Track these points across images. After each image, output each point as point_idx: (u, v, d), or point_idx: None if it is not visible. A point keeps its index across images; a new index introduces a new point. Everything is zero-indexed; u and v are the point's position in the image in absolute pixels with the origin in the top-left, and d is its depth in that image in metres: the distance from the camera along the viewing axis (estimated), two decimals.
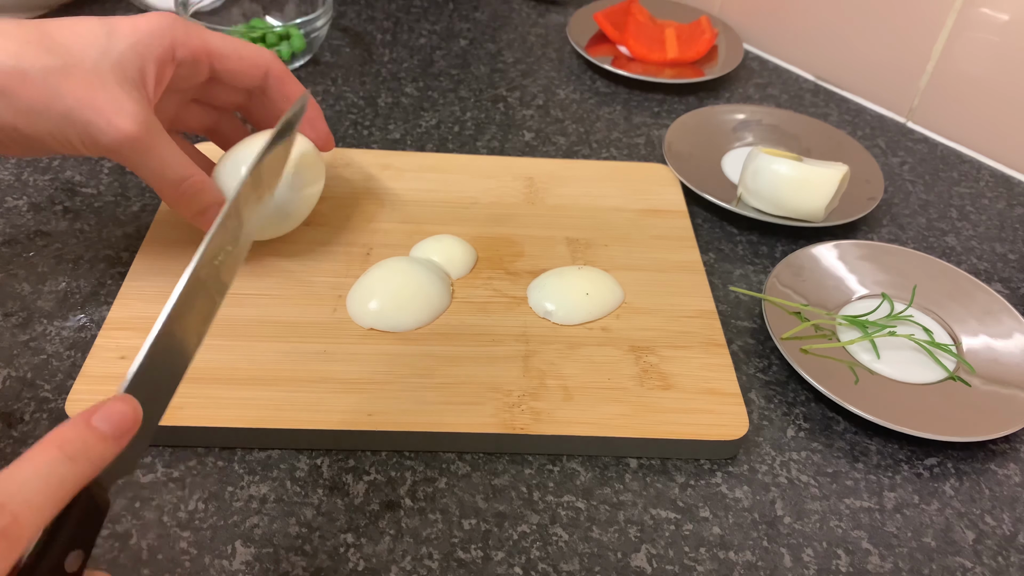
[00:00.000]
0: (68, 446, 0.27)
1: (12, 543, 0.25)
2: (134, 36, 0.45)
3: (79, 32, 0.44)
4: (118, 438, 0.29)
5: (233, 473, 0.44)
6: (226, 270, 0.37)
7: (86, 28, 0.44)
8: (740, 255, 0.60)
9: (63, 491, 0.27)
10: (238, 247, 0.38)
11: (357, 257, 0.54)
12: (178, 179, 0.47)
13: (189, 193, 0.47)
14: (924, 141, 0.74)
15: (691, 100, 0.77)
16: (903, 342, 0.52)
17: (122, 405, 0.29)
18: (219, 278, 0.36)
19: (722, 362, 0.49)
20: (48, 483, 0.26)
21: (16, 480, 0.26)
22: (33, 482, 0.26)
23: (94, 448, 0.28)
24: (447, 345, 0.49)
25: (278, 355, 0.47)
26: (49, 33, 0.43)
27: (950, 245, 0.63)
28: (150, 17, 0.46)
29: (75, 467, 0.27)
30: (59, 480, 0.26)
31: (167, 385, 0.33)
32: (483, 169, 0.63)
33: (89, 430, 0.28)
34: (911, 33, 0.73)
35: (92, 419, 0.28)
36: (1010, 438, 0.49)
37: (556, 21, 0.88)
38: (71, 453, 0.27)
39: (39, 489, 0.26)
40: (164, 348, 0.33)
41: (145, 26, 0.45)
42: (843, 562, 0.42)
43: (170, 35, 0.46)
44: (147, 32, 0.45)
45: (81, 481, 0.27)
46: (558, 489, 0.44)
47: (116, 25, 0.45)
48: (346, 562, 0.40)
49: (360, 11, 0.86)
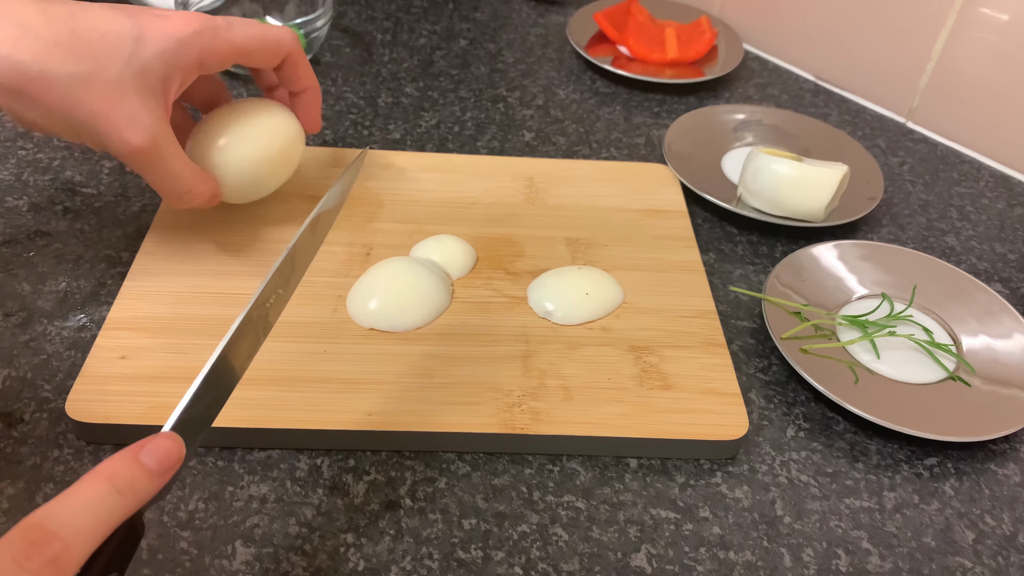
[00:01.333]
0: (117, 479, 0.28)
1: (62, 570, 0.26)
2: (163, 44, 0.44)
3: (108, 34, 0.43)
4: (163, 474, 0.30)
5: (233, 473, 0.44)
6: (274, 312, 0.39)
7: (115, 29, 0.44)
8: (740, 255, 0.60)
9: (110, 522, 0.28)
10: (287, 290, 0.40)
11: (357, 257, 0.54)
12: (182, 192, 0.48)
13: (188, 201, 0.49)
14: (924, 141, 0.74)
15: (691, 100, 0.77)
16: (903, 342, 0.52)
17: (168, 442, 0.31)
18: (267, 319, 0.39)
19: (722, 362, 0.49)
20: (97, 515, 0.27)
21: (68, 510, 0.27)
22: (83, 514, 0.27)
23: (140, 482, 0.29)
24: (447, 345, 0.49)
25: (278, 355, 0.47)
26: (77, 33, 0.43)
27: (950, 245, 0.63)
28: (181, 22, 0.45)
29: (122, 500, 0.28)
30: (107, 512, 0.28)
31: (206, 420, 0.35)
32: (483, 169, 0.63)
33: (137, 465, 0.29)
34: (911, 33, 0.73)
35: (140, 454, 0.29)
36: (1010, 438, 0.49)
37: (556, 21, 0.88)
38: (119, 487, 0.28)
39: (88, 520, 0.27)
40: (210, 385, 0.34)
41: (175, 33, 0.45)
42: (843, 562, 0.42)
43: (199, 45, 0.46)
44: (176, 41, 0.45)
45: (127, 513, 0.28)
46: (558, 489, 0.44)
47: (146, 28, 0.44)
48: (346, 562, 0.40)
49: (360, 11, 0.86)
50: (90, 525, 0.27)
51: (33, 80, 0.42)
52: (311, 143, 0.67)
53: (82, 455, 0.44)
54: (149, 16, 0.45)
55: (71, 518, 0.27)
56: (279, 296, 0.40)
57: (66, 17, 0.43)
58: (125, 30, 0.44)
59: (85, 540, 0.27)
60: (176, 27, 0.45)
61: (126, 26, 0.44)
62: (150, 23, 0.45)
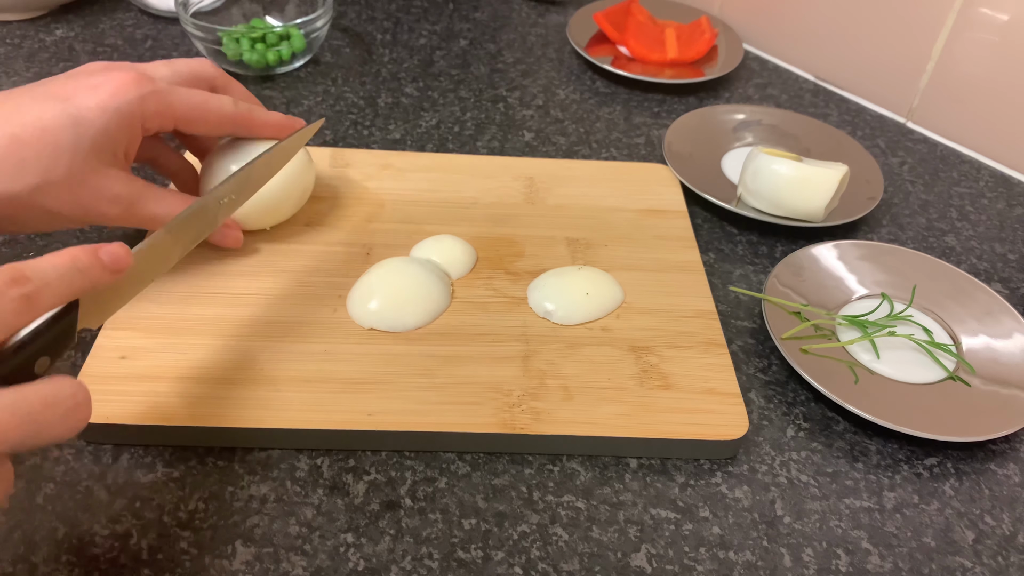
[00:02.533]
0: (78, 261, 0.34)
1: (32, 306, 0.32)
2: (102, 119, 0.44)
3: (46, 129, 0.42)
4: (114, 272, 0.35)
5: (233, 473, 0.44)
6: (223, 214, 0.46)
7: (51, 118, 0.43)
8: (740, 255, 0.60)
9: (69, 289, 0.34)
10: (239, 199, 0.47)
11: (357, 257, 0.54)
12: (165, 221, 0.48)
13: None
14: (924, 141, 0.74)
15: (691, 100, 0.77)
16: (903, 342, 0.52)
17: (121, 249, 0.36)
18: (216, 218, 0.46)
19: (722, 362, 0.49)
20: (62, 278, 0.33)
21: (40, 267, 0.33)
22: (52, 272, 0.33)
23: (95, 268, 0.35)
24: (447, 345, 0.49)
25: (278, 355, 0.47)
26: (18, 138, 0.42)
27: (950, 245, 0.63)
28: (114, 91, 0.44)
29: (80, 276, 0.34)
30: (69, 279, 0.33)
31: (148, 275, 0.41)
32: (483, 169, 0.63)
33: (95, 256, 0.35)
34: (911, 33, 0.73)
35: (99, 251, 0.35)
36: (1010, 438, 0.49)
37: (556, 21, 0.88)
38: (80, 267, 0.34)
39: (56, 278, 0.33)
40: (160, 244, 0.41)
41: (112, 103, 0.44)
42: (843, 562, 0.42)
43: (139, 112, 0.45)
44: (114, 111, 0.44)
45: (79, 290, 0.34)
46: (558, 489, 0.44)
47: (80, 108, 0.43)
48: (346, 562, 0.40)
49: (360, 11, 0.87)
50: (56, 283, 0.33)
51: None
52: (311, 143, 0.67)
53: (82, 455, 0.44)
54: (81, 93, 0.44)
55: (42, 273, 0.32)
56: (231, 200, 0.47)
57: (1, 123, 0.42)
58: (62, 117, 0.43)
59: (50, 292, 0.33)
60: (112, 96, 0.44)
61: (61, 112, 0.43)
62: (84, 100, 0.44)
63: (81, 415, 0.32)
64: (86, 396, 0.32)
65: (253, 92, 0.67)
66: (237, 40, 0.72)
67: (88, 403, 0.33)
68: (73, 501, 0.42)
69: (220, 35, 0.72)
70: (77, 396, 0.32)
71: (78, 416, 0.32)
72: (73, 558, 0.39)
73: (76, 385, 0.32)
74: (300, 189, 0.55)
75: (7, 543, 0.40)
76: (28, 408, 0.30)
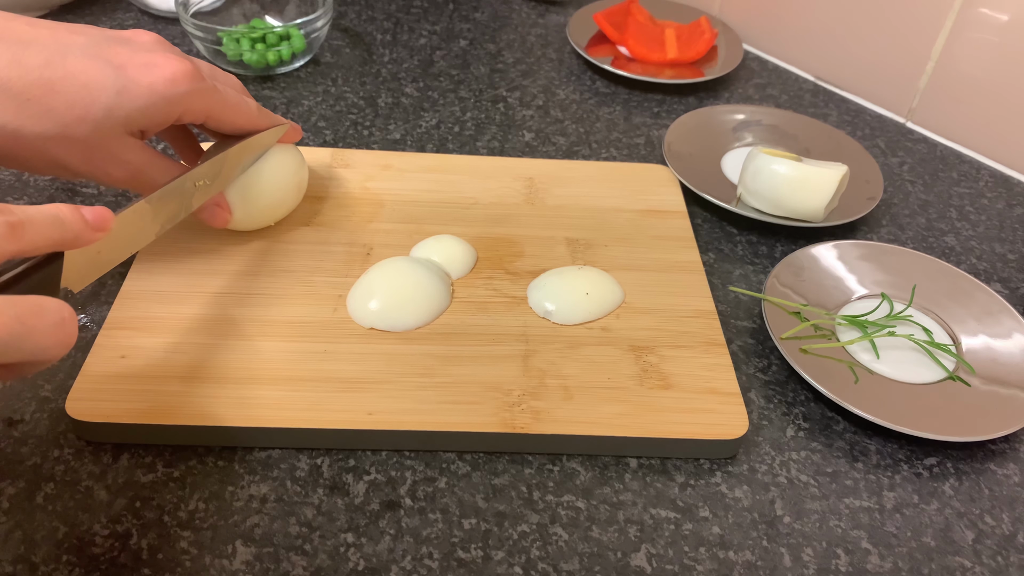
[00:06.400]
0: (62, 214, 0.35)
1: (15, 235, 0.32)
2: (148, 99, 0.43)
3: (88, 85, 0.42)
4: (94, 230, 0.37)
5: (233, 473, 0.44)
6: (197, 197, 0.48)
7: (98, 79, 0.42)
8: (740, 255, 0.60)
9: (51, 233, 0.35)
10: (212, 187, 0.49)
11: (357, 257, 0.54)
12: None
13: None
14: (924, 141, 0.74)
15: (691, 100, 0.77)
16: (903, 342, 0.52)
17: (104, 211, 0.37)
18: (190, 201, 0.47)
19: (722, 362, 0.49)
20: (44, 225, 0.34)
21: (27, 210, 0.34)
22: (37, 215, 0.34)
23: (77, 223, 0.36)
24: (447, 345, 0.49)
25: (278, 355, 0.47)
26: (53, 85, 0.41)
27: (949, 245, 0.63)
28: (170, 78, 0.44)
29: (62, 228, 0.35)
30: (51, 229, 0.35)
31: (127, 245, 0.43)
32: (483, 169, 0.63)
33: (78, 212, 0.36)
34: (911, 33, 0.73)
35: (80, 209, 0.36)
36: (1010, 438, 0.49)
37: (556, 21, 0.88)
38: (63, 220, 0.35)
39: (39, 220, 0.34)
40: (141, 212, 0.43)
41: (163, 90, 0.44)
42: (843, 562, 0.42)
43: (185, 105, 0.45)
44: (162, 97, 0.44)
45: (61, 240, 0.35)
46: (558, 489, 0.44)
47: (131, 80, 0.43)
48: (346, 562, 0.40)
49: (360, 11, 0.87)
50: (40, 222, 0.34)
51: (5, 138, 0.42)
52: (311, 143, 0.67)
53: (82, 455, 0.44)
54: (136, 66, 0.43)
55: (26, 211, 0.34)
56: (205, 186, 0.48)
57: (40, 66, 0.41)
58: (109, 82, 0.42)
59: (34, 230, 0.34)
60: (166, 82, 0.44)
61: (110, 77, 0.42)
62: (136, 75, 0.43)
63: (68, 330, 0.33)
64: (71, 313, 0.34)
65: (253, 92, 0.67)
66: (237, 40, 0.72)
67: (74, 320, 0.34)
68: (73, 501, 0.42)
69: (220, 35, 0.72)
70: (63, 312, 0.33)
71: (66, 330, 0.33)
72: (73, 558, 0.39)
73: (60, 303, 0.33)
74: (295, 186, 0.55)
75: (7, 543, 0.40)
76: (16, 310, 0.31)
